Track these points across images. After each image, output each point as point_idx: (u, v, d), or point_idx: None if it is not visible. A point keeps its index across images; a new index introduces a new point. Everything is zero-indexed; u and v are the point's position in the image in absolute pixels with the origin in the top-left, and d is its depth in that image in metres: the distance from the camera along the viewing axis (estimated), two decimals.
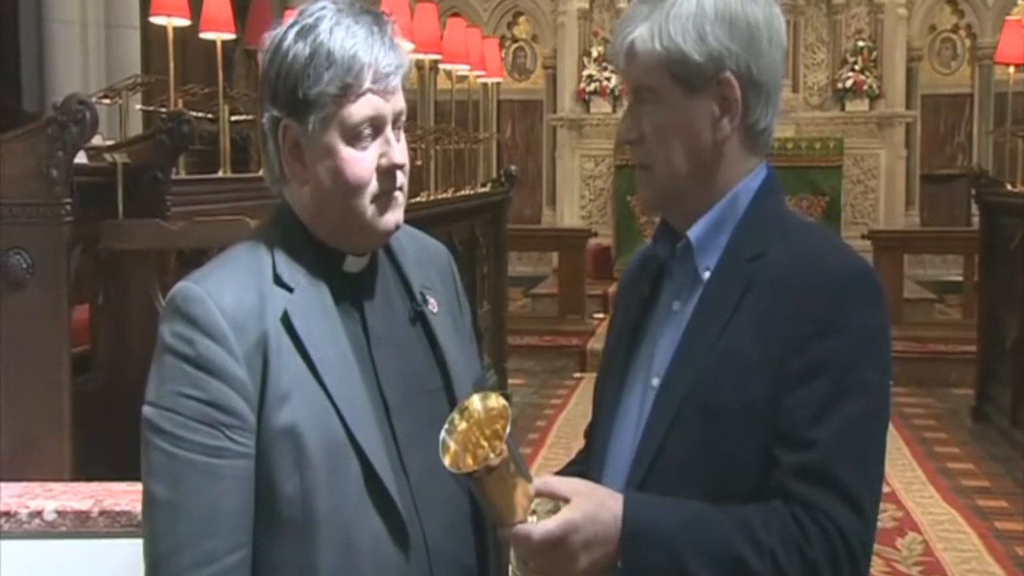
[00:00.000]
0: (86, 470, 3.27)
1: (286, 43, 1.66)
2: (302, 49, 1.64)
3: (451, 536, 1.72)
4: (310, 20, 1.66)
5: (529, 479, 1.54)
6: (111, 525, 2.75)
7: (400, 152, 1.69)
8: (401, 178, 1.70)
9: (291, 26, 1.67)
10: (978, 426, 7.55)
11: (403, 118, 1.71)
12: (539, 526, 1.51)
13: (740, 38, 1.62)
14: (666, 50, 1.61)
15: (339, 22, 1.65)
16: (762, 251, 1.63)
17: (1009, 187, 7.93)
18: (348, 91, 1.63)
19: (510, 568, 1.60)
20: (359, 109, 1.64)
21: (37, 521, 2.76)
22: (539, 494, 1.55)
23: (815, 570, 1.50)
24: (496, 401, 1.57)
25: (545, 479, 1.57)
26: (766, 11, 1.66)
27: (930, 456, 6.90)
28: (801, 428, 1.53)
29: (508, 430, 1.51)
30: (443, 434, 1.55)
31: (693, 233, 1.67)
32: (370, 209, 1.68)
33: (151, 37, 8.43)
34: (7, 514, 2.76)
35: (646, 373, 1.69)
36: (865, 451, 1.56)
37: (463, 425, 1.56)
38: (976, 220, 9.13)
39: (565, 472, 1.77)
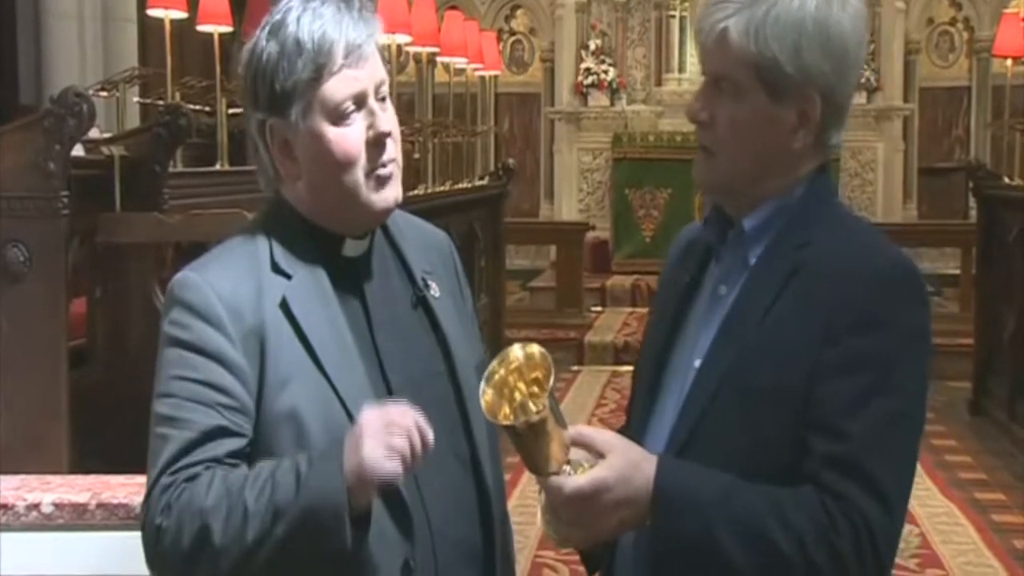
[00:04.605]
0: (83, 463, 3.27)
1: (259, 45, 1.67)
2: (274, 47, 1.65)
3: (455, 519, 1.72)
4: (278, 16, 1.67)
5: (565, 427, 1.54)
6: (108, 518, 2.76)
7: (386, 120, 1.69)
8: (391, 148, 1.69)
9: (263, 28, 1.68)
10: (975, 419, 7.56)
11: (385, 87, 1.70)
12: (571, 481, 1.52)
13: (832, 59, 1.61)
14: (760, 53, 1.60)
15: (306, 8, 1.65)
16: (810, 239, 1.63)
17: (1007, 180, 7.92)
18: (322, 71, 1.63)
19: (538, 514, 1.61)
20: (337, 88, 1.64)
21: (35, 514, 2.76)
22: (575, 444, 1.55)
23: (841, 560, 1.51)
24: (536, 349, 1.57)
25: (580, 429, 1.58)
26: (858, 30, 1.64)
27: (927, 449, 6.90)
28: (836, 418, 1.54)
29: (552, 382, 1.52)
30: (482, 383, 1.55)
31: (749, 223, 1.67)
32: (365, 185, 1.67)
33: (148, 30, 8.43)
34: (5, 507, 2.76)
35: (689, 355, 1.69)
36: (899, 450, 1.57)
37: (500, 372, 1.56)
38: (974, 213, 9.13)
39: None
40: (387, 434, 1.50)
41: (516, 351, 1.58)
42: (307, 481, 1.51)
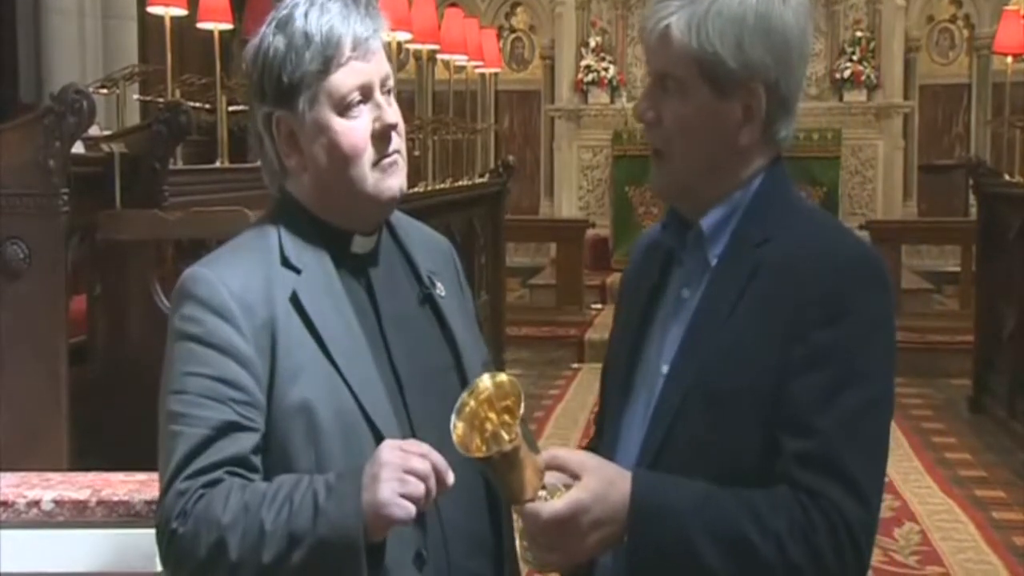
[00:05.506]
0: (83, 460, 3.27)
1: (266, 41, 1.69)
2: (281, 40, 1.67)
3: (465, 510, 1.73)
4: (284, 12, 1.69)
5: (538, 452, 1.55)
6: (109, 515, 2.75)
7: (392, 113, 1.71)
8: (397, 140, 1.71)
9: (268, 24, 1.70)
10: (975, 416, 7.56)
11: (390, 82, 1.73)
12: (547, 506, 1.53)
13: (775, 52, 1.61)
14: (701, 48, 1.60)
15: (312, 4, 1.67)
16: (768, 237, 1.63)
17: (1007, 177, 7.93)
18: (330, 64, 1.66)
19: (516, 541, 1.61)
20: (344, 78, 1.66)
21: (35, 511, 2.75)
22: (549, 467, 1.56)
23: (819, 556, 1.51)
24: (505, 378, 1.58)
25: (554, 453, 1.58)
26: (800, 22, 1.64)
27: (927, 446, 6.91)
28: (805, 415, 1.54)
29: (522, 411, 1.52)
30: (453, 416, 1.55)
31: (706, 223, 1.67)
32: (371, 176, 1.69)
33: (148, 27, 8.43)
34: (5, 504, 2.76)
35: (656, 360, 1.69)
36: (870, 440, 1.57)
37: (471, 404, 1.57)
38: (974, 210, 9.13)
39: None
40: (403, 480, 1.51)
41: (485, 381, 1.58)
42: (325, 512, 1.52)
